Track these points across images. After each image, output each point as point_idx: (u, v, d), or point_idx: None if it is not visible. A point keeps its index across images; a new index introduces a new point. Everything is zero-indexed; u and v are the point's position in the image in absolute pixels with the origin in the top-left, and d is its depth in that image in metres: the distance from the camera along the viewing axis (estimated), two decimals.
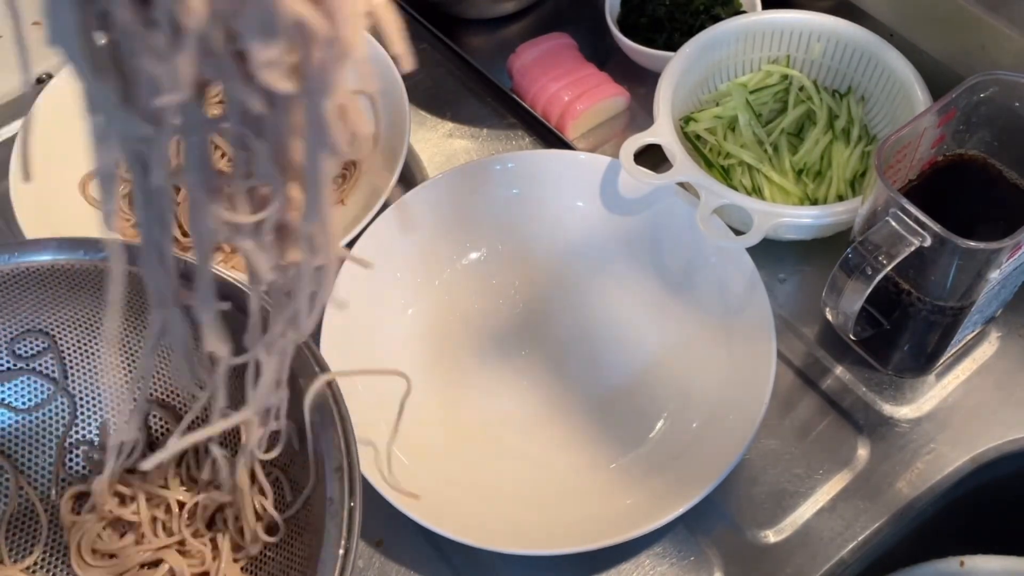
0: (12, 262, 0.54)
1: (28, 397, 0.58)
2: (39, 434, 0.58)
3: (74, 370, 0.58)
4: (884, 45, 0.67)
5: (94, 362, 0.58)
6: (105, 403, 0.58)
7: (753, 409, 0.56)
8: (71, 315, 0.57)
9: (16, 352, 0.57)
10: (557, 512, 0.57)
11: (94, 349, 0.57)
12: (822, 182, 0.68)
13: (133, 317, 0.56)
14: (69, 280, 0.55)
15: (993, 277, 0.53)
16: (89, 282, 0.55)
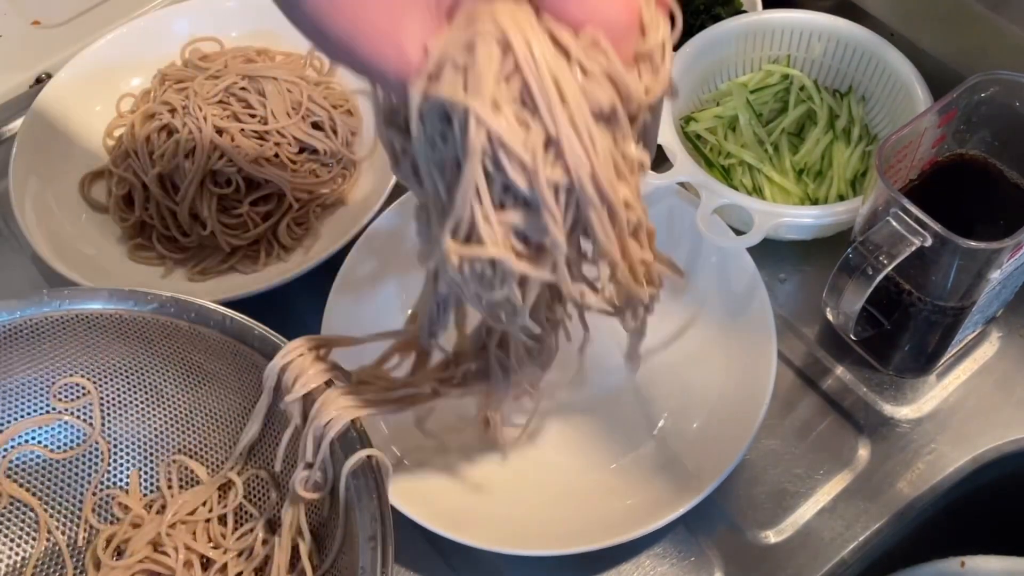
0: (63, 308, 0.55)
1: (63, 441, 0.58)
2: (71, 479, 0.58)
3: (111, 418, 0.58)
4: (885, 45, 0.67)
5: (131, 411, 0.58)
6: (140, 454, 0.58)
7: (753, 409, 0.56)
8: (113, 363, 0.57)
9: (57, 396, 0.57)
10: (557, 512, 0.57)
11: (132, 399, 0.58)
12: (823, 182, 0.68)
13: (174, 367, 0.57)
14: (116, 329, 0.55)
15: (994, 277, 0.53)
16: (135, 332, 0.56)
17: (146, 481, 0.58)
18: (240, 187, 0.69)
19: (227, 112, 0.71)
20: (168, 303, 0.54)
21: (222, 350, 0.55)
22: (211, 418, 0.57)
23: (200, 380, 0.57)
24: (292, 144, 0.71)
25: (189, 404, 0.58)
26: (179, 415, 0.58)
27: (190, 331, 0.54)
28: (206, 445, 0.58)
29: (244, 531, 0.55)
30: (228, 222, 0.69)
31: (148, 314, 0.54)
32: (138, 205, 0.70)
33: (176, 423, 0.58)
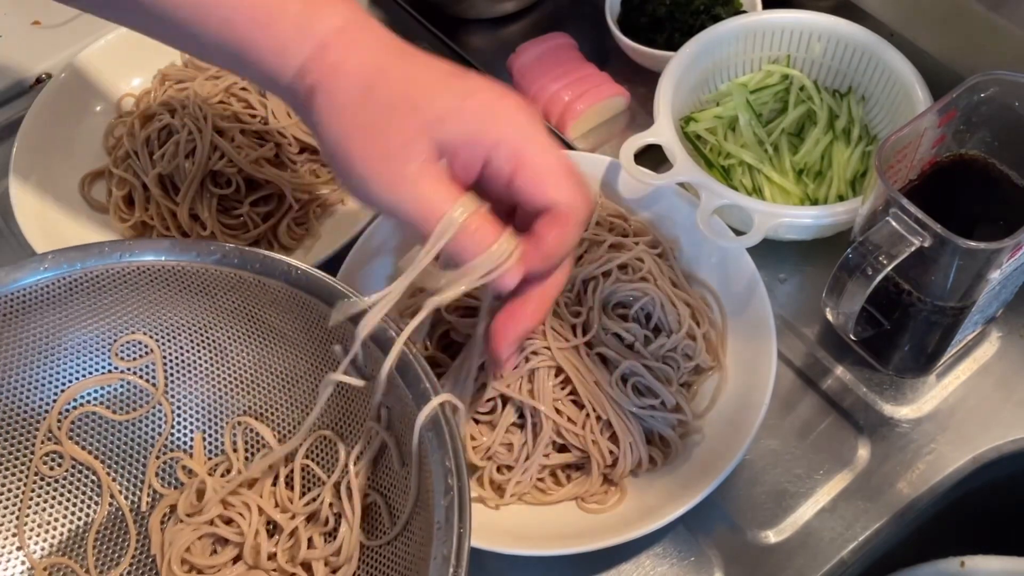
0: (123, 260, 0.53)
1: (125, 403, 0.56)
2: (133, 441, 0.56)
3: (174, 378, 0.56)
4: (885, 45, 0.67)
5: (195, 371, 0.56)
6: (204, 415, 0.57)
7: (753, 409, 0.56)
8: (176, 320, 0.55)
9: (118, 355, 0.55)
10: (557, 513, 0.57)
11: (196, 358, 0.56)
12: (822, 182, 0.68)
13: (238, 323, 0.55)
14: (178, 282, 0.54)
15: (993, 277, 0.53)
16: (197, 285, 0.54)
17: (211, 444, 0.56)
18: (240, 187, 0.69)
19: (227, 112, 0.71)
20: (232, 253, 0.52)
21: (288, 302, 0.52)
22: (277, 377, 0.55)
23: (265, 337, 0.55)
24: (292, 144, 0.71)
25: (254, 363, 0.55)
26: (244, 375, 0.56)
27: (255, 283, 0.52)
28: (272, 406, 0.56)
29: (311, 496, 0.53)
30: (228, 222, 0.69)
31: (211, 265, 0.52)
32: (138, 205, 0.70)
33: (241, 383, 0.56)
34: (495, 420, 0.58)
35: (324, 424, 0.54)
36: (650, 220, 0.65)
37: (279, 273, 0.52)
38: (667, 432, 0.58)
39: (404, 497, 0.49)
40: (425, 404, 0.46)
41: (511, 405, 0.58)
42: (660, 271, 0.62)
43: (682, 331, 0.60)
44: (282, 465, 0.54)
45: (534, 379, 0.57)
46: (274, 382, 0.56)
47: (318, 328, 0.52)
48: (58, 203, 0.71)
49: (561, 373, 0.58)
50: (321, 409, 0.52)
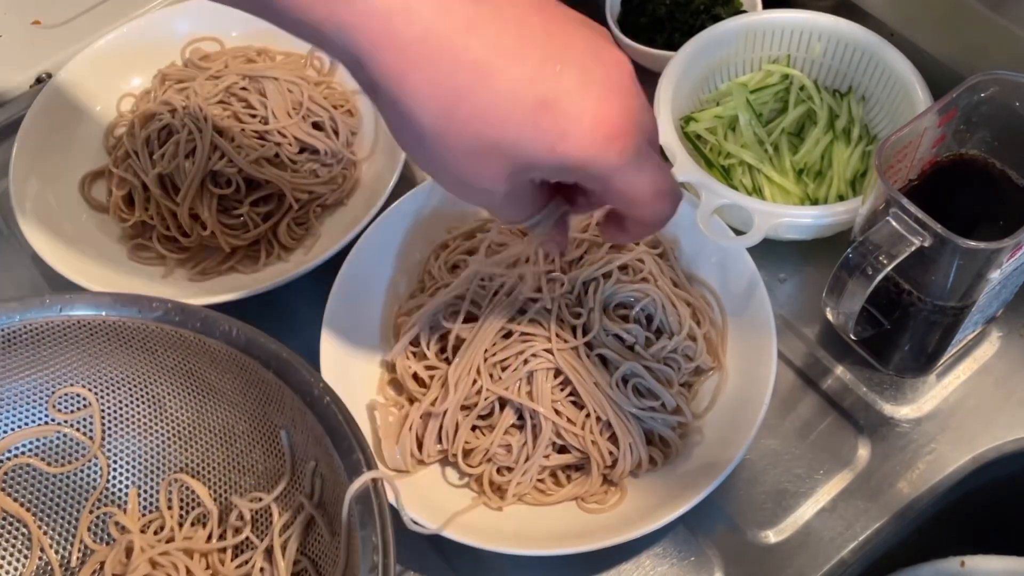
0: (64, 314, 0.52)
1: (61, 455, 0.56)
2: (67, 494, 0.56)
3: (111, 432, 0.56)
4: (885, 45, 0.67)
5: (132, 425, 0.56)
6: (140, 470, 0.56)
7: (753, 409, 0.56)
8: (116, 374, 0.55)
9: (55, 407, 0.55)
10: (558, 513, 0.57)
11: (135, 412, 0.56)
12: (822, 182, 0.68)
13: (178, 380, 0.55)
14: (119, 337, 0.53)
15: (994, 277, 0.53)
16: (138, 341, 0.53)
17: (145, 500, 0.56)
18: (240, 187, 0.69)
19: (227, 112, 0.71)
20: (173, 311, 0.52)
21: (228, 362, 0.52)
22: (215, 435, 0.55)
23: (204, 394, 0.55)
24: (293, 144, 0.71)
25: (193, 420, 0.56)
26: (182, 431, 0.56)
27: (195, 341, 0.52)
28: (209, 464, 0.56)
29: (243, 560, 0.53)
30: (228, 222, 0.69)
31: (152, 322, 0.52)
32: (138, 205, 0.70)
33: (178, 439, 0.56)
34: (494, 422, 0.58)
35: (260, 486, 0.54)
36: None
37: (220, 333, 0.52)
38: (667, 433, 0.58)
39: (334, 567, 0.48)
40: (356, 477, 0.46)
41: (510, 407, 0.58)
42: (661, 271, 0.62)
43: (683, 332, 0.60)
44: (215, 525, 0.54)
45: (533, 381, 0.57)
46: (212, 440, 0.55)
47: (257, 389, 0.52)
48: (58, 203, 0.71)
49: (560, 374, 0.58)
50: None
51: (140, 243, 0.70)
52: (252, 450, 0.54)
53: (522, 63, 0.38)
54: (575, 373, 0.58)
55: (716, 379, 0.61)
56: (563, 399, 0.58)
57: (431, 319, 0.60)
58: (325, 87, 0.76)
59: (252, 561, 0.52)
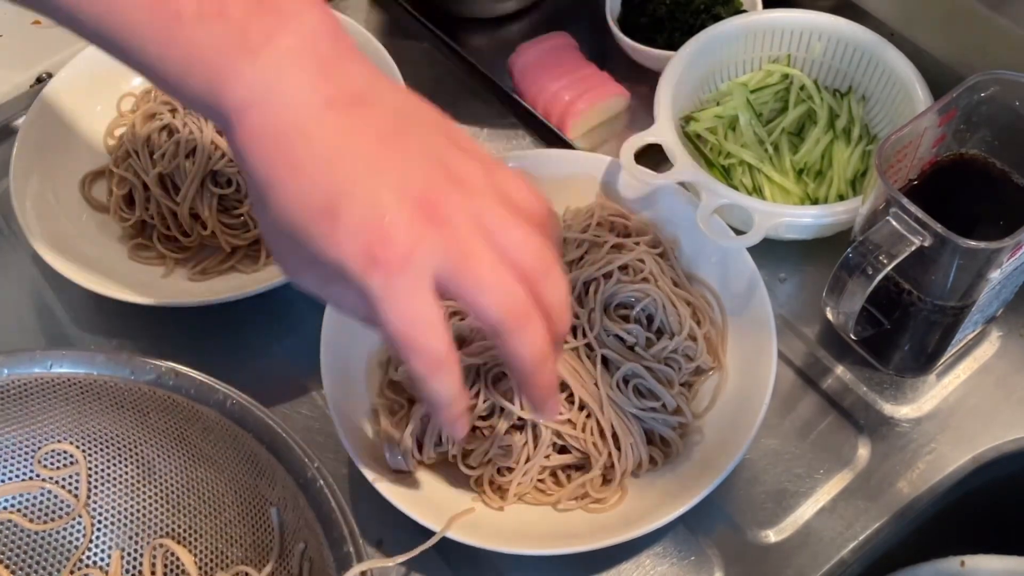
0: (54, 371, 0.52)
1: (44, 512, 0.55)
2: (49, 553, 0.55)
3: (97, 491, 0.55)
4: (885, 44, 0.67)
5: (119, 486, 0.55)
6: (124, 532, 0.55)
7: (753, 409, 0.56)
8: (104, 433, 0.54)
9: (41, 463, 0.54)
10: (558, 512, 0.57)
11: (122, 473, 0.55)
12: (823, 182, 0.68)
13: (169, 443, 0.54)
14: (110, 397, 0.53)
15: (994, 277, 0.53)
16: (128, 403, 0.53)
17: (128, 564, 0.55)
18: (240, 187, 0.69)
19: None
20: (167, 375, 0.51)
21: (221, 431, 0.52)
22: (204, 502, 0.54)
23: (195, 460, 0.54)
24: None
25: (181, 484, 0.54)
26: (169, 495, 0.55)
27: (188, 407, 0.52)
28: (196, 531, 0.54)
29: None
30: (228, 222, 0.69)
31: (144, 385, 0.51)
32: (139, 205, 0.70)
33: (166, 503, 0.55)
34: (493, 423, 0.58)
35: (247, 560, 0.53)
36: (650, 220, 0.65)
37: (213, 402, 0.51)
38: (667, 433, 0.58)
39: None
40: (345, 571, 0.45)
41: None
42: (661, 271, 0.62)
43: (683, 333, 0.60)
44: None
45: None
46: (200, 507, 0.54)
47: (249, 462, 0.52)
48: (58, 203, 0.71)
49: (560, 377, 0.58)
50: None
51: (140, 243, 0.70)
52: (241, 522, 0.53)
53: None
54: (575, 375, 0.58)
55: (716, 379, 0.61)
56: (563, 399, 0.58)
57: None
58: None
59: None
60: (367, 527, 0.59)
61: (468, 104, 0.78)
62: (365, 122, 0.39)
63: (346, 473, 0.61)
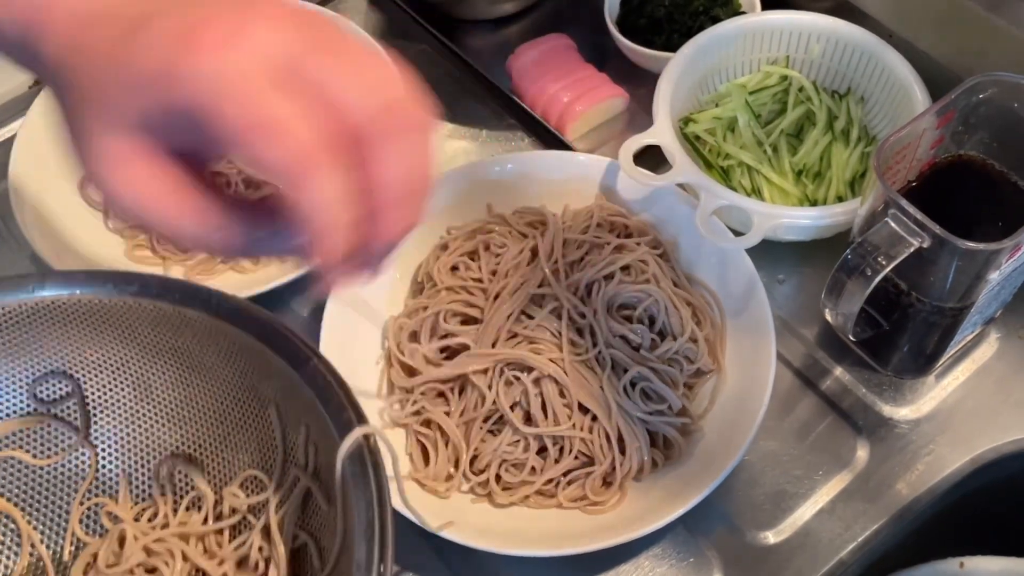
0: (36, 295, 0.50)
1: (47, 446, 0.54)
2: (56, 487, 0.54)
3: (98, 419, 0.54)
4: (883, 46, 0.67)
5: (120, 410, 0.54)
6: (129, 457, 0.54)
7: (753, 410, 0.56)
8: (97, 357, 0.53)
9: (37, 395, 0.53)
10: (558, 513, 0.57)
11: (120, 397, 0.54)
12: (821, 183, 0.68)
13: (161, 359, 0.53)
14: (96, 317, 0.51)
15: (992, 278, 0.53)
16: (117, 321, 0.51)
17: (137, 487, 0.54)
18: (240, 188, 0.69)
19: None
20: (151, 284, 0.50)
21: (210, 334, 0.50)
22: (205, 414, 0.53)
23: (190, 371, 0.52)
24: None
25: (181, 400, 0.53)
26: (170, 412, 0.53)
27: (175, 315, 0.50)
28: (200, 444, 0.54)
29: (240, 541, 0.51)
30: None
31: (129, 299, 0.50)
32: None
33: (168, 421, 0.54)
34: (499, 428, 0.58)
35: (254, 463, 0.52)
36: (649, 221, 0.65)
37: (200, 303, 0.49)
38: (672, 434, 0.58)
39: (333, 537, 0.47)
40: (347, 434, 0.44)
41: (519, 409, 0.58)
42: (662, 272, 0.62)
43: (685, 335, 0.60)
44: (211, 508, 0.52)
45: (543, 395, 0.58)
46: (202, 419, 0.53)
47: (242, 359, 0.50)
48: (58, 203, 0.71)
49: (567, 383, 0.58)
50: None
51: (139, 243, 0.70)
52: (244, 427, 0.52)
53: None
54: (582, 381, 0.58)
55: (715, 380, 0.61)
56: (572, 402, 0.58)
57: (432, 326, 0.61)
58: None
59: (249, 541, 0.50)
60: None
61: (466, 106, 0.78)
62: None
63: None
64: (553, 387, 0.58)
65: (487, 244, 0.64)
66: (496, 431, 0.58)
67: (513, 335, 0.59)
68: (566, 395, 0.58)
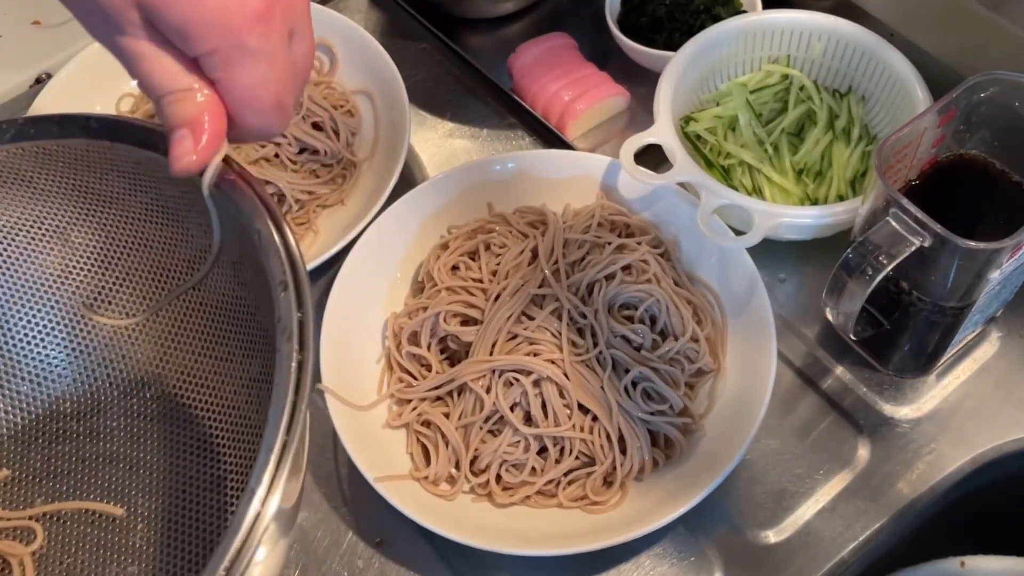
0: None
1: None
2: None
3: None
4: (884, 45, 0.67)
5: (43, 271, 0.52)
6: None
7: (753, 409, 0.56)
8: (7, 220, 0.51)
9: None
10: (558, 513, 0.57)
11: (44, 260, 0.52)
12: (822, 182, 0.68)
13: (71, 204, 0.50)
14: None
15: (993, 277, 0.53)
16: (5, 174, 0.49)
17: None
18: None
19: None
20: (26, 125, 0.48)
21: (99, 161, 0.48)
22: (132, 252, 0.51)
23: (103, 207, 0.50)
24: (292, 144, 0.71)
25: (106, 244, 0.51)
26: (96, 258, 0.51)
27: (60, 151, 0.48)
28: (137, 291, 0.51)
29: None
30: None
31: (11, 147, 0.48)
32: None
33: (94, 268, 0.52)
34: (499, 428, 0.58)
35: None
36: (650, 220, 0.65)
37: (79, 129, 0.47)
38: (673, 434, 0.58)
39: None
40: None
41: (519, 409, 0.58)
42: (664, 271, 0.62)
43: (687, 335, 0.60)
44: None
45: (543, 396, 0.58)
46: (131, 260, 0.51)
47: (137, 176, 0.48)
48: None
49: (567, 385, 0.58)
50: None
51: None
52: (173, 246, 0.50)
53: None
54: (584, 382, 0.58)
55: (716, 380, 0.61)
56: (572, 403, 0.58)
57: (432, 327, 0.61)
58: (325, 87, 0.76)
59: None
60: (367, 527, 0.59)
61: (467, 104, 0.78)
62: None
63: (346, 473, 0.61)
64: (553, 388, 0.58)
65: (487, 244, 0.64)
66: (496, 431, 0.58)
67: (513, 336, 0.59)
68: (566, 396, 0.57)
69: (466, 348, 0.60)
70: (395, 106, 0.72)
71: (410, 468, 0.59)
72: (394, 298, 0.65)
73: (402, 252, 0.66)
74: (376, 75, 0.75)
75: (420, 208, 0.66)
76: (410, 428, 0.60)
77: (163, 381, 0.53)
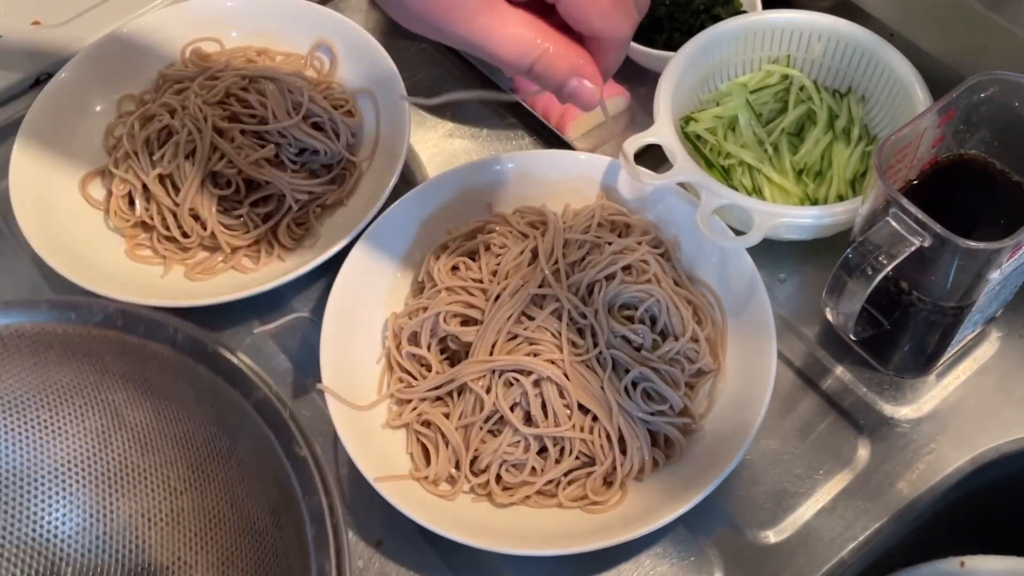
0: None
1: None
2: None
3: (66, 443, 0.53)
4: (884, 45, 0.67)
5: (89, 435, 0.53)
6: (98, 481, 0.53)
7: (753, 409, 0.56)
8: (64, 383, 0.53)
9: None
10: (558, 513, 0.57)
11: (90, 424, 0.53)
12: (822, 182, 0.68)
13: (128, 385, 0.52)
14: (61, 345, 0.51)
15: (993, 277, 0.53)
16: (81, 348, 0.51)
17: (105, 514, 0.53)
18: (240, 188, 0.69)
19: (227, 113, 0.71)
20: (115, 315, 0.50)
21: (177, 368, 0.50)
22: (174, 441, 0.53)
23: (159, 399, 0.52)
24: (292, 145, 0.71)
25: (150, 426, 0.53)
26: (140, 438, 0.53)
27: (141, 347, 0.50)
28: (168, 468, 0.53)
29: None
30: (228, 223, 0.69)
31: (94, 328, 0.50)
32: (139, 205, 0.70)
33: (137, 446, 0.53)
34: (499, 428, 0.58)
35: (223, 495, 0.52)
36: (650, 220, 0.65)
37: (164, 338, 0.50)
38: (673, 434, 0.58)
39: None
40: (295, 461, 0.46)
41: (519, 409, 0.58)
42: (664, 272, 0.62)
43: (687, 336, 0.60)
44: None
45: (543, 397, 0.58)
46: (171, 446, 0.53)
47: (207, 392, 0.50)
48: (58, 203, 0.71)
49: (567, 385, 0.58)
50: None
51: (140, 243, 0.70)
52: (211, 458, 0.52)
53: None
54: (584, 383, 0.58)
55: (716, 379, 0.61)
56: (572, 403, 0.58)
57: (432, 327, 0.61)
58: (325, 87, 0.76)
59: None
60: (367, 527, 0.59)
61: (467, 104, 0.78)
62: None
63: (346, 473, 0.61)
64: (552, 388, 0.57)
65: (487, 244, 0.64)
66: (496, 431, 0.58)
67: (513, 336, 0.59)
68: (566, 396, 0.57)
69: (466, 348, 0.60)
70: (395, 106, 0.72)
71: (410, 468, 0.59)
72: (394, 298, 0.65)
73: (402, 252, 0.66)
74: (376, 75, 0.75)
75: (420, 208, 0.66)
76: (410, 428, 0.60)
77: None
